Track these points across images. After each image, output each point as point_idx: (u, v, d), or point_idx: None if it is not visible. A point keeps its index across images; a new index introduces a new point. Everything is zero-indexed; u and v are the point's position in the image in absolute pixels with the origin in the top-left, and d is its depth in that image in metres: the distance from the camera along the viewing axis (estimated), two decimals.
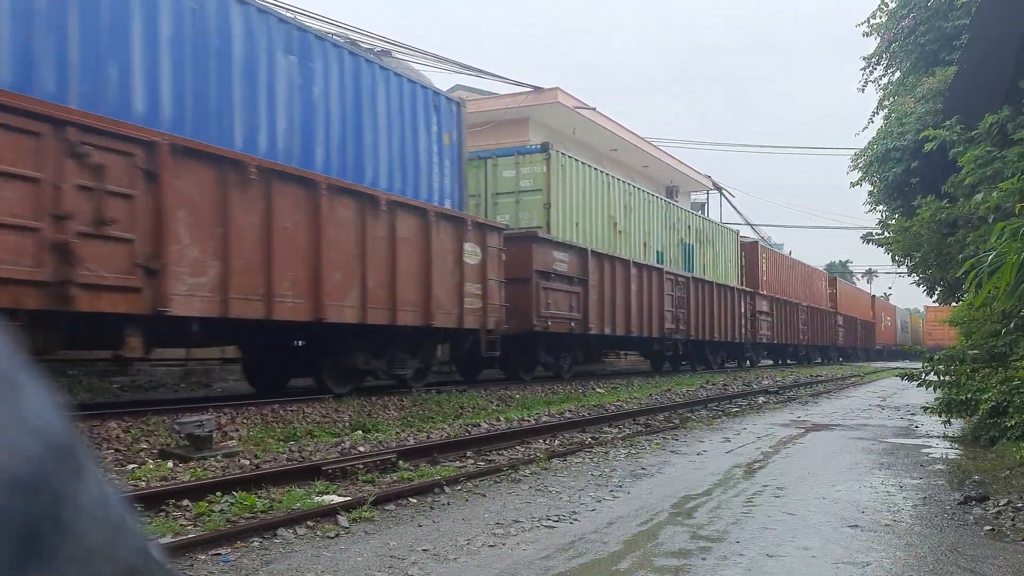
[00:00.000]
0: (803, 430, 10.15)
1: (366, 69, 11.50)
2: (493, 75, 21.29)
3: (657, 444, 8.49)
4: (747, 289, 27.80)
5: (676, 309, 20.97)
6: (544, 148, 16.10)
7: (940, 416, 9.51)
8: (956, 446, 8.73)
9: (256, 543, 4.34)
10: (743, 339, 26.69)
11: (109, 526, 0.47)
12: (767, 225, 57.11)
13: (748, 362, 29.41)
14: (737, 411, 12.57)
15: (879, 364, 40.63)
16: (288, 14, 11.03)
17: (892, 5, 14.39)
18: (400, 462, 6.63)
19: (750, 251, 29.77)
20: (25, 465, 0.42)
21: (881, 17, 14.59)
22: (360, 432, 8.64)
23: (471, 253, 12.44)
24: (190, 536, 4.32)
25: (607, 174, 18.99)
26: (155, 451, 6.89)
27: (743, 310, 26.71)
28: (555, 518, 4.98)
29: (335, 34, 13.52)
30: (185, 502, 5.04)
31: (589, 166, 17.94)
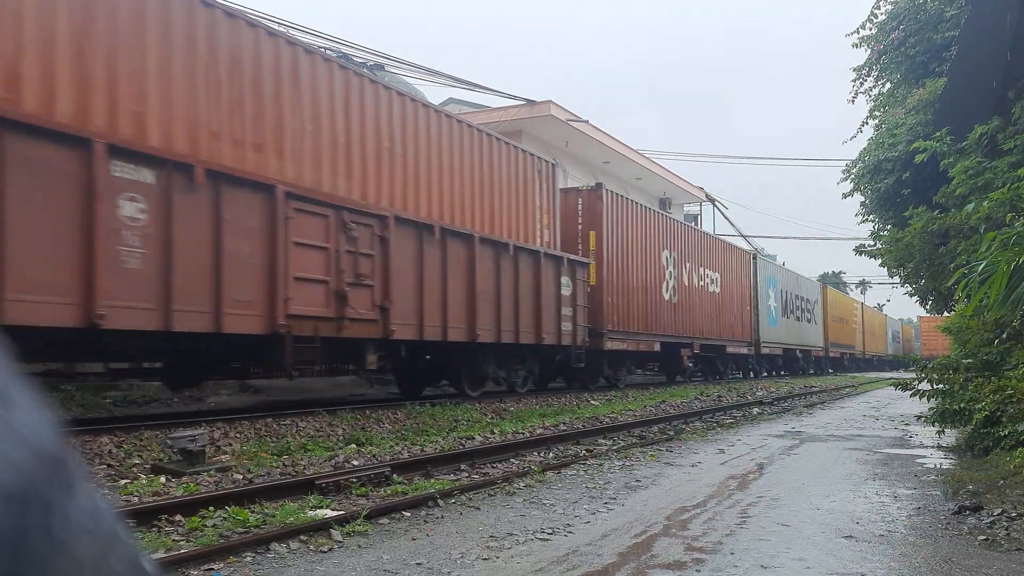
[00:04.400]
0: (797, 441, 10.15)
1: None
2: (486, 88, 21.40)
3: (651, 456, 8.48)
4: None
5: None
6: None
7: (934, 426, 9.52)
8: (950, 456, 8.74)
9: (249, 558, 4.31)
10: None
11: (100, 539, 0.47)
12: (761, 236, 57.36)
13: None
14: (732, 422, 12.55)
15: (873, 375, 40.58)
16: (280, 28, 11.06)
17: (881, 17, 14.44)
18: (394, 476, 6.61)
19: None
20: (15, 477, 0.42)
21: (870, 29, 14.65)
22: (354, 446, 8.62)
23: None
24: (182, 551, 4.29)
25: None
26: (148, 466, 6.86)
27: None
28: (549, 531, 4.96)
29: (328, 48, 13.57)
30: (178, 517, 5.01)
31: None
